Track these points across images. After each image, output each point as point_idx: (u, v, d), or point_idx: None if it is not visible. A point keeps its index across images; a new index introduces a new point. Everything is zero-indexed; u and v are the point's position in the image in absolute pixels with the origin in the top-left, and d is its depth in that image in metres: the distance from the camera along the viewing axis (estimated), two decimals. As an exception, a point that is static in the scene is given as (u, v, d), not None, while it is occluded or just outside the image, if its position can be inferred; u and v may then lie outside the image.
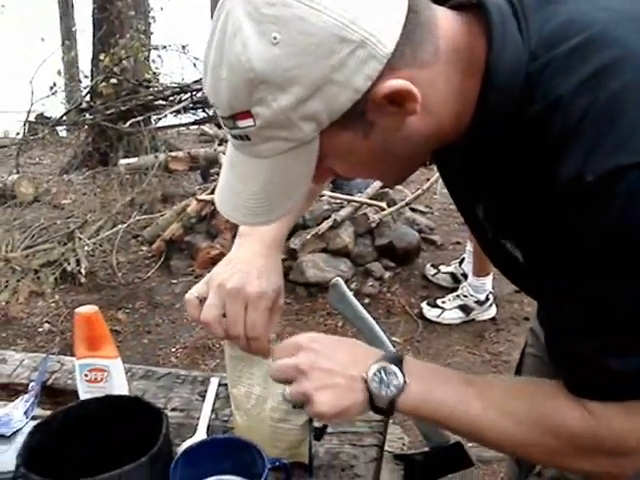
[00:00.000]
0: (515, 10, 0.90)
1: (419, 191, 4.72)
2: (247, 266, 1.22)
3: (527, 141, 0.90)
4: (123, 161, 5.93)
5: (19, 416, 1.41)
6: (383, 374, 1.03)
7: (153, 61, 7.44)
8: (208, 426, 1.41)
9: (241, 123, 0.86)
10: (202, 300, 1.22)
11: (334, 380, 1.03)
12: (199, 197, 4.76)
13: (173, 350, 3.84)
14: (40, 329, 4.06)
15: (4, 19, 11.93)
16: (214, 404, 1.49)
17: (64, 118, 7.16)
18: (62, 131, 8.05)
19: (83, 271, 4.53)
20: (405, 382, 1.02)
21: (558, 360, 1.01)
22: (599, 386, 0.95)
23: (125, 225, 5.05)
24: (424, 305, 4.02)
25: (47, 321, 4.13)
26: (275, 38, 0.80)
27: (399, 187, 5.00)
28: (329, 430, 1.38)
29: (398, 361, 1.04)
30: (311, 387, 1.03)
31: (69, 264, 4.58)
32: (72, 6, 12.80)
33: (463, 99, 0.91)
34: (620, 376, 0.91)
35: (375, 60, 0.82)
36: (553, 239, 0.90)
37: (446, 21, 0.91)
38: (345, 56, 0.80)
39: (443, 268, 4.36)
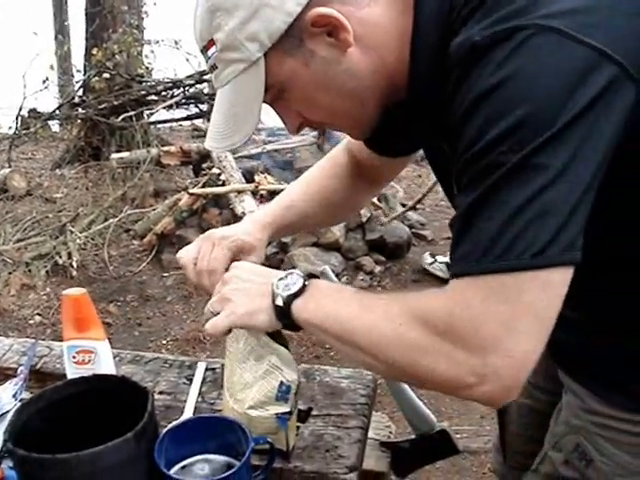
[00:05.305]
0: None
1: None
2: (226, 227, 1.42)
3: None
4: (115, 155, 5.93)
5: (8, 398, 1.42)
6: (288, 278, 1.11)
7: (146, 56, 7.43)
8: (195, 408, 1.43)
9: (210, 52, 1.02)
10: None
11: (248, 285, 1.16)
12: (191, 191, 4.77)
13: (164, 342, 3.85)
14: (31, 321, 4.07)
15: (-3, 13, 11.90)
16: (201, 387, 1.50)
17: (57, 112, 7.15)
18: (54, 125, 8.04)
19: (74, 264, 4.55)
20: (304, 285, 1.09)
21: None
22: (460, 252, 0.90)
23: (117, 219, 5.07)
24: (414, 299, 4.02)
25: (38, 313, 4.14)
26: None
27: (390, 183, 5.01)
28: (314, 412, 1.40)
29: (308, 274, 1.12)
30: (228, 290, 1.17)
31: (61, 257, 4.59)
32: (65, 1, 12.77)
33: (401, 35, 0.99)
34: (478, 237, 0.87)
35: None
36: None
37: None
38: None
39: (440, 258, 4.38)
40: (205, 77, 6.92)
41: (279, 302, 1.09)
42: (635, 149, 0.89)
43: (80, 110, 6.87)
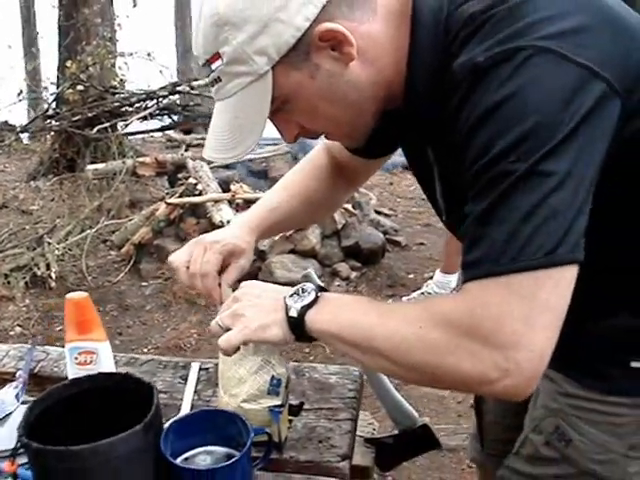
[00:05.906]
0: None
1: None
2: (216, 231, 1.49)
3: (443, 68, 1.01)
4: (90, 167, 5.95)
5: (11, 400, 1.48)
6: (300, 291, 1.14)
7: (119, 68, 7.46)
8: (192, 406, 1.49)
9: (214, 65, 1.04)
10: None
11: (260, 300, 1.18)
12: (168, 200, 4.82)
13: (145, 351, 3.89)
14: (12, 332, 4.09)
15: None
16: (196, 386, 1.57)
17: (30, 125, 7.15)
18: (25, 138, 8.01)
19: (53, 275, 4.57)
20: (317, 297, 1.11)
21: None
22: (474, 256, 0.95)
23: (94, 230, 5.09)
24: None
25: (18, 324, 4.16)
26: None
27: (364, 190, 5.11)
28: (306, 407, 1.48)
29: (319, 287, 1.15)
30: (240, 306, 1.19)
31: (39, 269, 4.61)
32: (34, 14, 12.73)
33: (397, 50, 1.05)
34: (492, 240, 0.92)
35: (312, 5, 0.99)
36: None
37: None
38: None
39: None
40: (178, 88, 6.99)
41: (293, 313, 1.11)
42: (619, 160, 0.97)
43: (54, 122, 6.89)
